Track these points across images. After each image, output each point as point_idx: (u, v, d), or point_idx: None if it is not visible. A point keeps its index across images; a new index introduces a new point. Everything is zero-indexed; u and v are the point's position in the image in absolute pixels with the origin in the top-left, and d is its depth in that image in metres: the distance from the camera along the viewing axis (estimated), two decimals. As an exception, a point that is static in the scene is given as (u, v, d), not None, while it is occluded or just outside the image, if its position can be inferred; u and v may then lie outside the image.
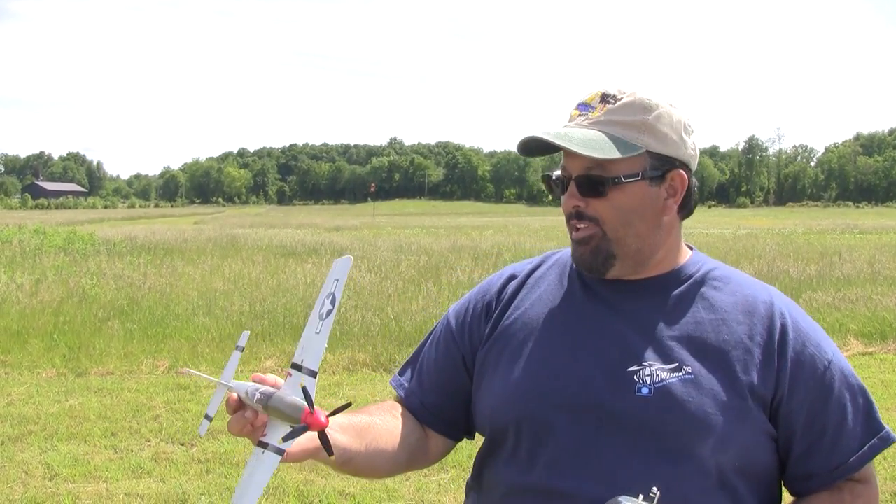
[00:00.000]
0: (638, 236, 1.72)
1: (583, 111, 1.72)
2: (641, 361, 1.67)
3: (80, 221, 53.58)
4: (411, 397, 1.94)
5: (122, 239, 27.30)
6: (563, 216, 1.78)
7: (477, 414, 1.87)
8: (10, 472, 6.16)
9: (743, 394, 1.64)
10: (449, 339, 1.92)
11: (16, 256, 19.90)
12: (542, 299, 1.84)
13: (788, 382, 1.67)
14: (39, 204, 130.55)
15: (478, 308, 1.90)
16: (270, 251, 23.65)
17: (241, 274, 16.90)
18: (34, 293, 13.18)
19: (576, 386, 1.68)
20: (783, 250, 23.87)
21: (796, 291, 14.12)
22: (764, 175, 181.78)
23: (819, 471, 1.69)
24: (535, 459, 1.69)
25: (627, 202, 1.69)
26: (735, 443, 1.63)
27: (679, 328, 1.71)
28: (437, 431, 1.93)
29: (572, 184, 1.71)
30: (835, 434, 1.68)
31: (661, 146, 1.70)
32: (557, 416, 1.68)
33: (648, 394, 1.63)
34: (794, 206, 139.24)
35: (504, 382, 1.77)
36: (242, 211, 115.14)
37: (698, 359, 1.67)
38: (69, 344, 10.27)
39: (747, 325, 1.71)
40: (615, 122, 1.68)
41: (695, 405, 1.62)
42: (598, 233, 1.70)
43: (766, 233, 39.38)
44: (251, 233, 34.62)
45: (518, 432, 1.73)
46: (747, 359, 1.67)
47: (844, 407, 1.69)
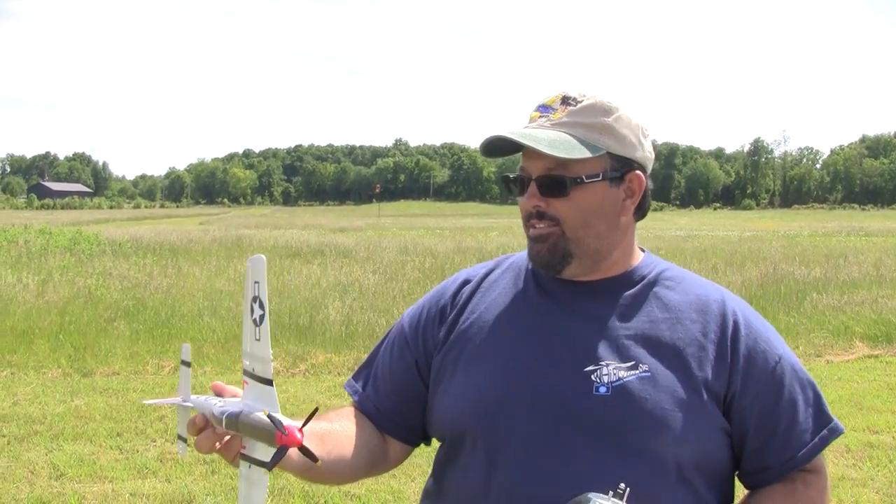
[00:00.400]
0: (597, 236, 1.75)
1: (544, 113, 1.75)
2: (598, 361, 1.69)
3: (85, 222, 53.63)
4: (366, 403, 1.93)
5: (127, 239, 27.34)
6: None
7: (434, 419, 1.86)
8: (16, 472, 6.17)
9: (699, 390, 1.67)
10: (403, 345, 1.92)
11: (22, 256, 19.94)
12: (497, 302, 1.85)
13: (741, 378, 1.70)
14: (45, 204, 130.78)
15: (432, 313, 1.91)
16: (276, 252, 23.65)
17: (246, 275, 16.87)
18: (40, 293, 13.20)
19: (534, 387, 1.70)
20: (788, 253, 23.82)
21: (801, 294, 14.12)
22: (769, 177, 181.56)
23: (773, 464, 1.73)
24: (496, 463, 1.69)
25: (588, 202, 1.72)
26: (692, 439, 1.65)
27: (634, 327, 1.73)
28: (394, 437, 1.92)
29: (533, 184, 1.73)
30: (787, 428, 1.72)
31: (620, 148, 1.73)
32: (516, 419, 1.69)
33: (606, 393, 1.65)
34: (800, 209, 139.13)
35: (461, 387, 1.78)
36: (248, 212, 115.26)
37: (654, 357, 1.69)
38: (75, 344, 10.29)
39: (701, 324, 1.74)
40: (577, 123, 1.71)
41: (652, 402, 1.64)
42: (556, 231, 1.72)
43: (772, 235, 39.32)
44: (256, 233, 34.68)
45: (477, 437, 1.73)
46: (702, 356, 1.70)
47: (795, 401, 1.74)
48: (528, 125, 1.76)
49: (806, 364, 9.98)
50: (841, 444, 6.96)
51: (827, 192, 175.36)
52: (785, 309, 13.07)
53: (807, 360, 10.41)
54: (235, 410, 1.51)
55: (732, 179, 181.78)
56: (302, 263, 19.46)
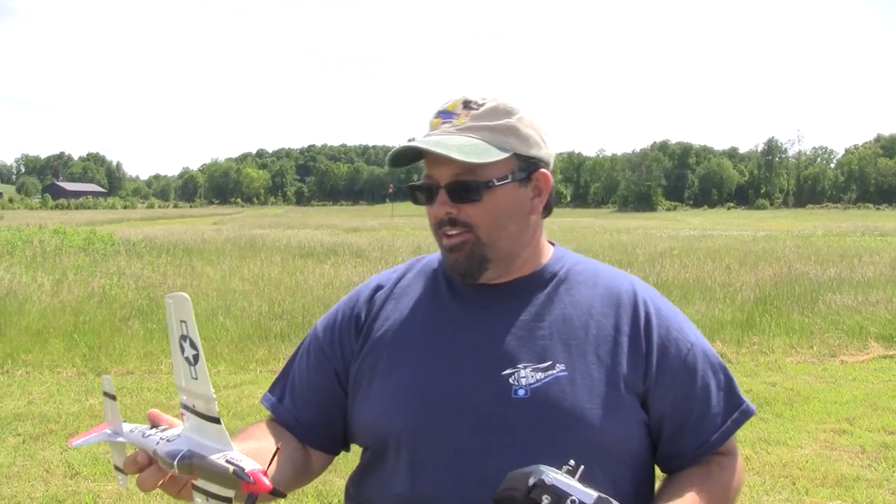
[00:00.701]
0: (510, 238, 1.76)
1: (446, 119, 1.74)
2: (515, 364, 1.69)
3: (99, 222, 53.80)
4: (286, 416, 1.90)
5: (141, 239, 27.39)
6: (580, 218, 1.79)
7: (354, 428, 1.86)
8: (31, 471, 6.20)
9: (616, 385, 1.69)
10: (320, 354, 1.91)
11: (36, 256, 20.01)
12: (411, 309, 1.85)
13: (656, 369, 1.73)
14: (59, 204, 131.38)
15: (347, 321, 1.90)
16: (289, 252, 23.66)
17: (259, 274, 16.93)
18: (55, 293, 13.24)
19: (453, 393, 1.70)
20: (803, 252, 23.73)
21: (816, 294, 14.06)
22: (783, 177, 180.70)
23: (687, 449, 1.76)
24: (419, 471, 1.70)
25: (500, 205, 1.72)
26: (613, 433, 1.67)
27: (549, 326, 1.74)
28: (315, 447, 1.91)
29: (442, 191, 1.72)
30: (701, 413, 1.76)
31: (525, 148, 1.74)
32: (437, 426, 1.69)
33: (525, 395, 1.66)
34: (814, 209, 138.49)
35: (380, 395, 1.77)
36: (261, 212, 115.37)
37: (570, 355, 1.71)
38: (89, 343, 10.33)
39: (613, 318, 1.76)
40: (482, 126, 1.71)
41: (570, 402, 1.66)
42: (471, 238, 1.72)
43: (786, 235, 39.15)
44: (270, 233, 34.67)
45: (399, 445, 1.73)
46: (617, 350, 1.72)
47: (708, 386, 1.78)
48: (430, 132, 1.75)
49: (820, 364, 10.03)
50: (856, 445, 6.95)
51: (841, 191, 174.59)
52: (799, 309, 13.02)
53: (821, 361, 10.39)
54: (185, 451, 1.44)
55: (746, 179, 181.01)
56: (315, 263, 19.46)
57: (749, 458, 6.59)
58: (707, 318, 12.12)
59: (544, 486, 1.42)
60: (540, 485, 1.42)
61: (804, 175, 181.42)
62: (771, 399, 8.43)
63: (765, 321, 12.12)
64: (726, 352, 10.57)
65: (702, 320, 11.97)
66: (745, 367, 10.02)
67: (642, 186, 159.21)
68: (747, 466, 6.41)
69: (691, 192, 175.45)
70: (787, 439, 7.11)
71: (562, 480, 1.42)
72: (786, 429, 7.43)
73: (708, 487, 1.72)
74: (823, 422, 7.69)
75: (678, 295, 14.10)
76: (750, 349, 10.89)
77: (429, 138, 1.71)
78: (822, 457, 6.66)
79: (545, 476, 1.42)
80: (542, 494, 1.41)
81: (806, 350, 10.89)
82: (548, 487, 1.41)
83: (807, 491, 5.92)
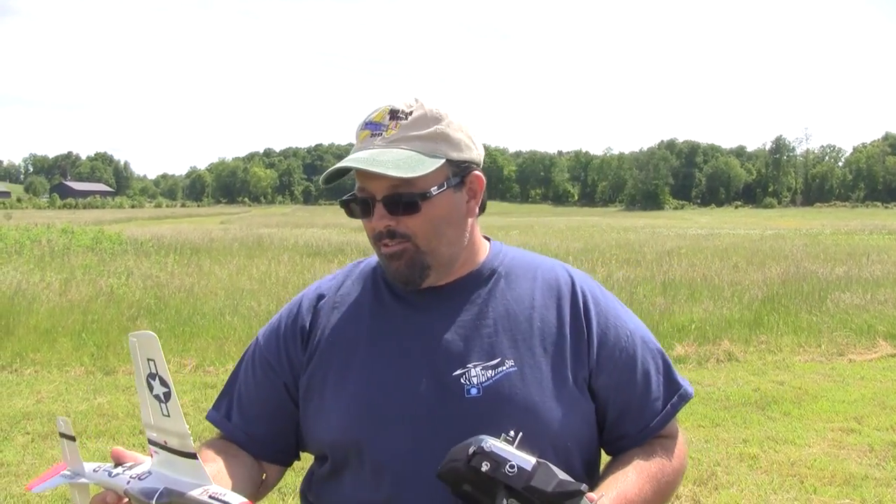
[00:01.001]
0: (449, 243, 1.77)
1: (375, 130, 1.73)
2: (465, 363, 1.72)
3: (107, 221, 53.91)
4: (236, 432, 1.89)
5: (149, 238, 27.48)
6: (587, 217, 1.80)
7: (310, 439, 1.85)
8: (40, 469, 6.20)
9: (564, 376, 1.75)
10: (266, 367, 1.88)
11: (45, 255, 20.05)
12: (356, 316, 1.85)
13: (597, 356, 1.78)
14: (67, 203, 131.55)
15: (291, 332, 1.88)
16: (297, 251, 23.69)
17: (267, 273, 16.94)
18: (63, 292, 13.26)
19: (406, 398, 1.72)
20: (811, 251, 23.70)
21: (824, 293, 14.03)
22: (791, 175, 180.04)
23: (630, 432, 1.83)
24: (381, 477, 1.71)
25: (438, 213, 1.72)
26: (564, 422, 1.72)
27: (494, 323, 1.77)
28: (270, 461, 1.91)
29: (379, 205, 1.71)
30: (641, 398, 1.83)
31: (457, 153, 1.74)
32: (395, 433, 1.71)
33: (478, 394, 1.70)
34: (822, 207, 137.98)
35: (334, 408, 1.77)
36: (268, 211, 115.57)
37: (518, 350, 1.75)
38: (97, 342, 10.35)
39: (555, 308, 1.81)
40: (413, 137, 1.71)
41: (522, 397, 1.70)
42: (410, 247, 1.73)
43: (794, 233, 39.10)
44: (277, 232, 34.72)
45: (360, 455, 1.74)
46: (561, 341, 1.77)
47: (648, 372, 1.84)
48: (360, 144, 1.74)
49: (828, 363, 10.01)
50: (864, 444, 6.93)
51: (849, 190, 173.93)
52: (807, 308, 12.99)
53: (829, 359, 10.37)
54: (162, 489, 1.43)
55: (754, 178, 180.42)
56: (323, 262, 19.45)
57: (757, 456, 6.58)
58: (715, 317, 12.10)
59: (483, 453, 1.47)
60: (479, 452, 1.48)
61: (812, 173, 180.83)
62: (779, 398, 8.42)
63: (773, 320, 12.10)
64: (734, 350, 10.55)
65: (710, 319, 11.96)
66: (753, 365, 10.01)
67: (650, 185, 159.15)
68: (755, 465, 6.41)
69: (699, 191, 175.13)
70: (795, 438, 7.09)
71: (500, 447, 1.48)
72: (794, 427, 7.42)
73: (649, 467, 1.78)
74: (831, 420, 7.67)
75: (686, 293, 14.09)
76: (758, 348, 10.86)
77: (361, 155, 1.70)
78: (830, 455, 6.64)
79: (484, 444, 1.48)
80: (482, 461, 1.47)
81: (814, 349, 10.86)
82: (486, 454, 1.47)
83: (815, 490, 5.91)
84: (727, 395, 8.49)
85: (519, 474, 1.46)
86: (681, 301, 13.30)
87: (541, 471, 1.47)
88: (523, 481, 1.46)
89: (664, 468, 1.81)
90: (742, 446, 6.85)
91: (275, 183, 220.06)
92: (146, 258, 20.06)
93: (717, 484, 6.01)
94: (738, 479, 6.09)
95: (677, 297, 13.71)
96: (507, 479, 1.46)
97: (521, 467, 1.47)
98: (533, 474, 1.47)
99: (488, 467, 1.47)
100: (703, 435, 7.16)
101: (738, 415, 7.82)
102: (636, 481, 1.74)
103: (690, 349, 10.61)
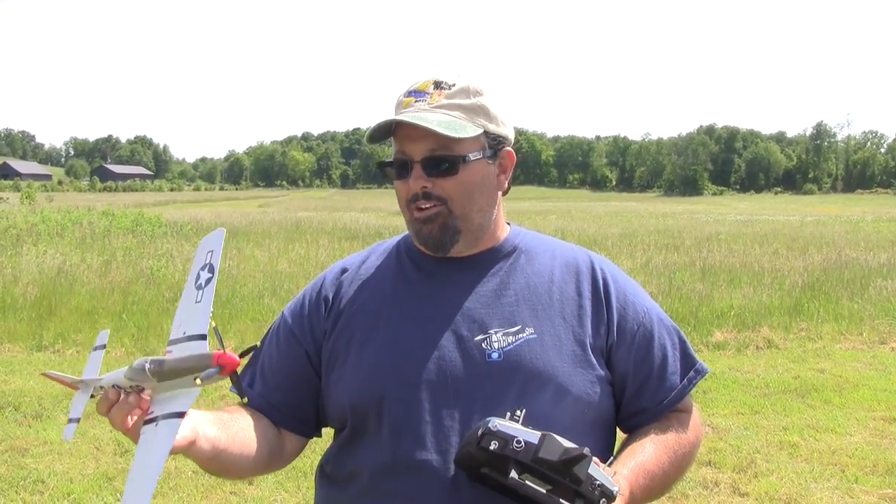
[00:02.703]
0: (480, 211, 1.83)
1: (418, 98, 1.79)
2: (486, 329, 1.78)
3: (147, 204, 54.39)
4: (258, 399, 1.92)
5: (188, 221, 27.72)
6: (625, 202, 1.80)
7: (331, 405, 1.88)
8: (82, 448, 6.29)
9: (583, 345, 1.80)
10: (290, 337, 1.94)
11: (86, 238, 20.27)
12: (379, 286, 1.90)
13: (617, 330, 1.85)
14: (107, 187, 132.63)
15: (315, 303, 1.94)
16: (335, 234, 23.81)
17: (305, 256, 17.03)
18: (104, 274, 13.41)
19: (428, 362, 1.76)
20: (852, 238, 23.49)
21: (866, 280, 13.91)
22: (832, 161, 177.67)
23: (648, 406, 1.88)
24: (400, 438, 1.75)
25: (472, 179, 1.79)
26: (582, 392, 1.77)
27: (515, 294, 1.84)
28: (288, 429, 1.93)
29: (417, 166, 1.77)
30: (660, 372, 1.88)
31: (493, 126, 1.81)
32: (416, 394, 1.75)
33: (498, 358, 1.75)
34: (863, 194, 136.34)
35: (357, 369, 1.82)
36: (306, 194, 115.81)
37: (538, 318, 1.81)
38: (138, 324, 10.46)
39: (574, 284, 1.87)
40: (455, 105, 1.78)
41: (542, 363, 1.75)
42: (444, 210, 1.79)
43: (834, 220, 38.69)
44: (315, 216, 34.85)
45: (380, 415, 1.77)
46: (581, 313, 1.84)
47: (665, 347, 1.90)
48: (403, 111, 1.78)
49: (869, 351, 9.92)
50: (906, 433, 6.86)
51: (892, 176, 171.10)
52: (849, 294, 12.87)
53: (871, 347, 10.27)
54: (161, 358, 1.51)
55: (794, 164, 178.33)
56: (361, 245, 19.32)
57: (797, 444, 6.53)
58: (754, 303, 12.02)
59: (490, 433, 1.54)
60: (487, 433, 1.54)
61: (853, 159, 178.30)
62: (819, 386, 8.34)
63: (813, 307, 11.99)
64: (774, 337, 10.48)
65: (749, 305, 11.88)
66: (793, 353, 9.93)
67: (688, 171, 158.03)
68: (795, 453, 6.36)
69: (738, 177, 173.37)
70: (836, 426, 7.03)
71: (506, 425, 1.56)
72: (834, 416, 7.35)
73: (666, 439, 1.84)
74: (873, 409, 7.59)
75: (725, 280, 14.00)
76: (798, 335, 10.78)
77: (406, 113, 1.76)
78: (871, 445, 6.58)
79: (490, 424, 1.55)
80: (491, 441, 1.54)
81: (855, 336, 10.76)
82: (493, 433, 1.54)
83: (856, 479, 5.85)
84: (766, 383, 8.43)
85: (526, 448, 1.53)
86: (720, 287, 13.22)
87: (546, 442, 1.54)
88: (531, 454, 1.53)
89: (681, 440, 1.87)
90: (782, 434, 6.80)
91: (313, 167, 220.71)
92: (186, 241, 20.21)
93: (756, 472, 5.97)
94: (778, 467, 6.05)
95: (716, 283, 13.63)
96: (516, 454, 1.53)
97: (528, 441, 1.54)
98: (539, 446, 1.54)
99: (497, 446, 1.54)
100: (743, 422, 7.11)
101: (778, 402, 7.76)
102: (654, 453, 1.80)
103: (729, 335, 10.54)
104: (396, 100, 1.82)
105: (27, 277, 12.63)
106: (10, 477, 5.75)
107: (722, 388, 8.13)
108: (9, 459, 6.08)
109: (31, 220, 25.64)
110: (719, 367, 8.97)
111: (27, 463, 6.01)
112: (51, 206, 40.78)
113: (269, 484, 5.65)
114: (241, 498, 5.51)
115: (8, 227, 22.21)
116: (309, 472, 5.46)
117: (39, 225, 23.27)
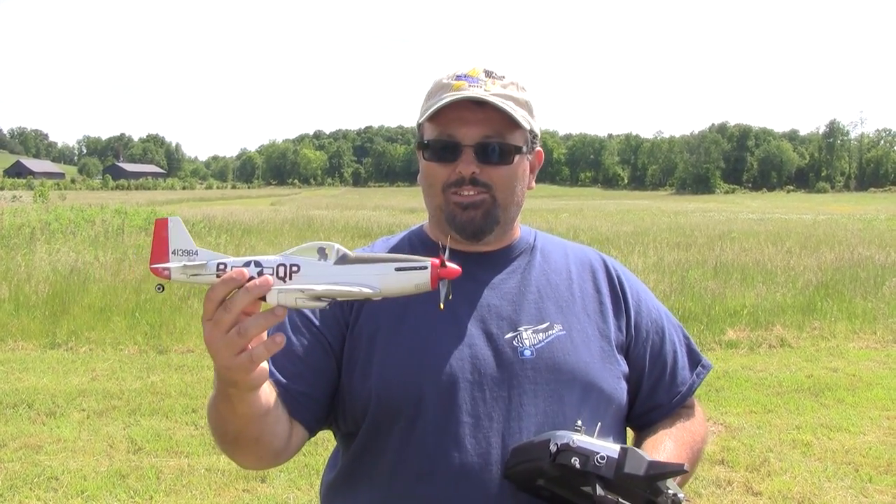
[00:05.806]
0: (516, 204, 1.84)
1: (472, 82, 1.76)
2: (516, 327, 1.78)
3: (159, 202, 54.56)
4: (279, 387, 1.78)
5: (200, 219, 27.74)
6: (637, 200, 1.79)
7: (354, 401, 1.80)
8: (95, 446, 6.31)
9: (609, 340, 1.84)
10: (311, 327, 1.84)
11: (99, 236, 20.30)
12: None
13: (634, 327, 1.89)
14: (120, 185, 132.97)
15: None
16: (347, 232, 23.83)
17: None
18: (117, 272, 13.43)
19: (462, 360, 1.73)
20: (865, 237, 23.36)
21: (880, 279, 13.83)
22: (845, 159, 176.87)
23: (663, 401, 1.92)
24: (438, 438, 1.70)
25: (517, 172, 1.80)
26: (610, 388, 1.79)
27: (538, 290, 1.84)
28: (302, 421, 1.81)
29: (469, 150, 1.74)
30: (672, 368, 1.93)
31: (533, 124, 1.82)
32: (454, 393, 1.71)
33: (531, 356, 1.75)
34: (877, 192, 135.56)
35: (385, 364, 1.76)
36: (318, 192, 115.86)
37: (564, 315, 1.82)
38: (150, 322, 10.49)
39: (591, 280, 1.90)
40: (509, 96, 1.76)
41: (573, 358, 1.77)
42: (488, 199, 1.78)
43: (847, 219, 38.48)
44: (327, 214, 34.89)
45: (415, 412, 1.72)
46: (602, 309, 1.87)
47: (675, 343, 1.95)
48: (454, 92, 1.74)
49: (883, 350, 9.89)
50: (920, 432, 6.83)
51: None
52: (862, 293, 12.81)
53: (885, 346, 10.23)
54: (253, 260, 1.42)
55: (807, 162, 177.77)
56: (372, 244, 19.49)
57: (810, 443, 6.51)
58: (767, 302, 11.97)
59: (570, 449, 1.50)
60: (564, 448, 1.50)
61: (867, 158, 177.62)
62: (832, 385, 8.31)
63: (826, 306, 11.94)
64: (787, 336, 10.44)
65: (762, 304, 11.84)
66: (806, 351, 9.90)
67: (700, 169, 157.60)
68: (808, 452, 6.34)
69: (750, 175, 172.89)
70: (850, 426, 7.01)
71: (585, 440, 1.52)
72: (848, 415, 7.33)
73: (682, 435, 1.86)
74: (887, 409, 7.56)
75: (738, 278, 13.95)
76: (811, 334, 10.74)
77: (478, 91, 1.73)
78: (885, 444, 6.55)
79: (568, 440, 1.51)
80: (572, 457, 1.49)
81: (869, 336, 10.72)
82: (573, 449, 1.50)
83: (870, 478, 5.83)
84: (780, 381, 8.40)
85: (609, 464, 1.48)
86: (733, 285, 13.17)
87: (629, 456, 1.49)
88: (615, 470, 1.48)
89: (694, 435, 1.89)
90: (795, 433, 6.78)
91: (324, 165, 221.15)
92: (198, 239, 20.15)
93: (769, 470, 5.95)
94: (792, 466, 6.03)
95: (729, 281, 13.58)
96: (598, 469, 1.48)
97: (610, 456, 1.49)
98: (623, 461, 1.49)
99: (579, 462, 1.49)
100: (756, 421, 7.09)
101: (791, 401, 7.74)
102: (674, 449, 1.80)
103: (742, 334, 10.51)
104: (436, 83, 1.79)
105: (40, 275, 12.66)
106: (24, 474, 5.77)
107: (735, 387, 8.11)
108: (23, 456, 6.10)
109: (44, 218, 25.72)
110: (732, 365, 8.96)
111: (41, 460, 6.03)
112: (64, 204, 40.94)
113: (282, 482, 5.66)
114: (254, 495, 5.52)
115: (21, 225, 22.27)
116: (321, 469, 5.46)
117: (53, 223, 23.33)
